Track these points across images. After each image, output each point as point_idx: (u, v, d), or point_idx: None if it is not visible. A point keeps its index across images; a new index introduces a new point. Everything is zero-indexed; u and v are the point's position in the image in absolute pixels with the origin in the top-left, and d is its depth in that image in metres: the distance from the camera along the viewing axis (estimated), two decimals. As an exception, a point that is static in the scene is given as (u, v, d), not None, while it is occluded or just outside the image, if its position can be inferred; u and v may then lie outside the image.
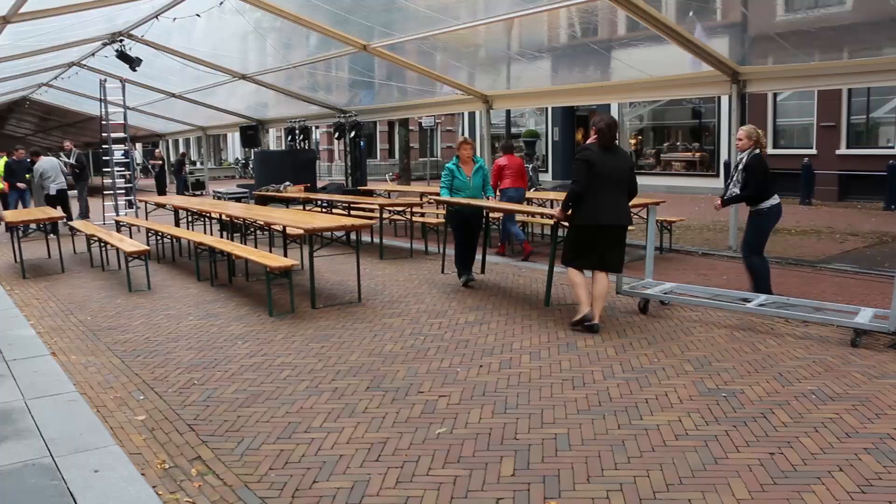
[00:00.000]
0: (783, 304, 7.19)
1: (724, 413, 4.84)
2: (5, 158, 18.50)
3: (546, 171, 27.57)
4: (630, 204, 7.09)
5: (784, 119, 21.12)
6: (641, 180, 22.13)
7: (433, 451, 4.41)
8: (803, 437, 4.43)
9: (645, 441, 4.44)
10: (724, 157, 21.57)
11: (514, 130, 28.46)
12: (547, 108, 27.18)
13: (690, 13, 10.06)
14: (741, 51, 10.82)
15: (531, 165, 24.29)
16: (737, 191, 7.72)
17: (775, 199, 7.64)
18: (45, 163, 16.05)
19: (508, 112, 20.62)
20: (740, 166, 7.69)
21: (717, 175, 21.95)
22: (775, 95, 20.61)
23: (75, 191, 18.33)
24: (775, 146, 20.80)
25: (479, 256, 9.83)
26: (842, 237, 12.92)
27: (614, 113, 25.56)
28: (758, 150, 7.60)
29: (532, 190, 18.77)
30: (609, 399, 5.17)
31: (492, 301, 8.42)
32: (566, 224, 7.30)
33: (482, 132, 17.29)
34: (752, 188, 7.54)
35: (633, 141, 26.15)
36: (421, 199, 15.10)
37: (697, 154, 23.59)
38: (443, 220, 11.24)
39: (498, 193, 10.95)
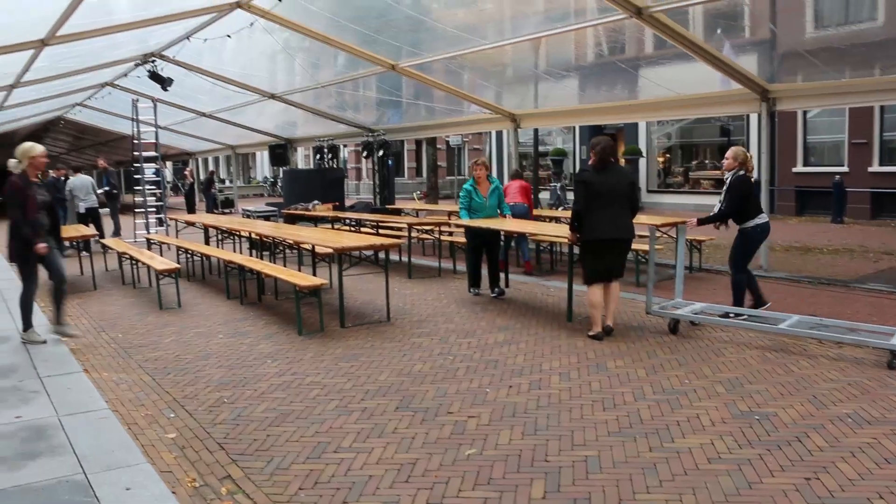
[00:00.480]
0: (816, 324, 7.11)
1: (757, 436, 4.78)
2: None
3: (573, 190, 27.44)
4: (660, 224, 7.93)
5: (814, 136, 20.93)
6: (670, 198, 22.05)
7: (463, 472, 4.39)
8: (840, 463, 4.35)
9: (677, 464, 4.40)
10: (753, 175, 21.39)
11: (541, 149, 28.40)
12: (574, 127, 27.15)
13: (718, 31, 10.03)
14: (770, 68, 10.75)
15: (559, 184, 24.28)
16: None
17: (762, 219, 7.91)
18: (77, 181, 16.32)
19: (536, 131, 20.62)
20: (725, 186, 7.94)
21: (747, 193, 21.79)
22: (805, 113, 20.44)
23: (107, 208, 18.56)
24: (805, 164, 20.63)
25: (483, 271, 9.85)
26: (875, 256, 12.75)
27: (642, 131, 25.55)
28: (742, 172, 7.86)
29: (560, 209, 18.76)
30: (640, 421, 5.13)
31: (520, 321, 8.39)
32: (576, 243, 7.69)
33: (510, 151, 17.32)
34: (728, 207, 7.83)
35: (660, 159, 26.04)
36: (449, 218, 15.12)
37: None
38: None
39: None
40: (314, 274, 9.68)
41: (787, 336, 7.10)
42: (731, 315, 7.75)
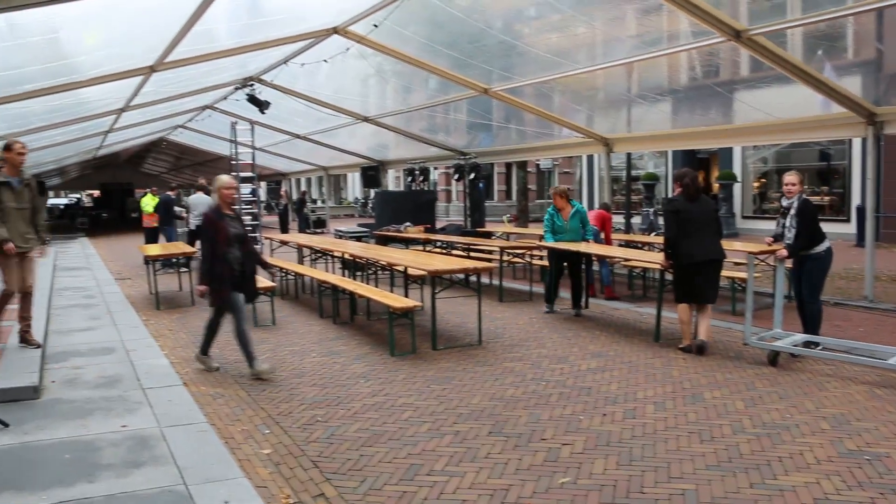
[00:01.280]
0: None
1: (868, 478, 4.57)
2: (150, 195, 19.71)
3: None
4: (758, 251, 8.22)
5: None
6: (767, 225, 21.40)
7: (556, 501, 4.35)
8: (958, 508, 4.14)
9: (780, 503, 4.25)
10: (855, 200, 20.62)
11: (633, 173, 28.05)
12: (667, 151, 26.74)
13: (819, 52, 9.74)
14: (876, 90, 10.37)
15: (651, 209, 23.92)
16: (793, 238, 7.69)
17: (828, 241, 7.73)
18: (195, 198, 16.88)
19: (629, 155, 20.39)
20: (792, 212, 7.65)
21: (849, 220, 21.03)
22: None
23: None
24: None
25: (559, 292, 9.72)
26: None
27: (736, 155, 24.97)
28: (803, 196, 7.76)
29: (653, 234, 18.48)
30: (739, 455, 4.98)
31: (613, 348, 8.29)
32: (670, 269, 8.20)
33: (601, 175, 17.16)
34: (807, 232, 7.57)
35: (756, 184, 25.37)
36: (540, 242, 15.08)
37: (827, 198, 22.65)
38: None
39: None
40: (406, 295, 9.77)
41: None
42: (814, 345, 7.56)
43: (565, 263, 10.65)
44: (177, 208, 18.73)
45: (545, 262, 12.67)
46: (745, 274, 8.84)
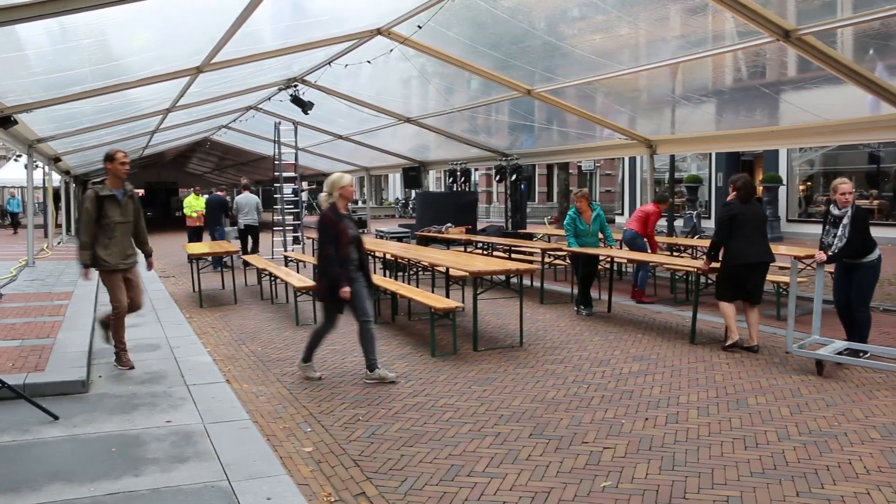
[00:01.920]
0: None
1: (919, 489, 4.47)
2: (193, 195, 19.98)
3: (709, 218, 26.54)
4: (802, 255, 8.77)
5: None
6: (812, 228, 21.02)
7: (599, 505, 4.32)
8: None
9: (828, 511, 4.17)
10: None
11: (676, 175, 27.74)
12: (710, 153, 26.38)
13: (871, 51, 9.53)
14: (931, 91, 10.10)
15: (695, 212, 23.63)
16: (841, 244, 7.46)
17: (879, 249, 7.58)
18: (242, 198, 17.06)
19: (672, 157, 20.15)
20: (845, 220, 7.40)
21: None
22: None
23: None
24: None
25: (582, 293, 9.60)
26: None
27: (782, 158, 24.55)
28: (855, 203, 7.57)
29: (696, 237, 18.25)
30: (785, 463, 4.90)
31: (655, 351, 8.21)
32: (711, 272, 8.54)
33: (643, 177, 16.99)
34: (857, 240, 7.36)
35: (802, 187, 24.93)
36: (565, 247, 15.00)
37: (876, 201, 22.18)
38: (605, 267, 11.78)
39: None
40: (447, 296, 9.78)
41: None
42: (863, 354, 7.37)
43: (590, 268, 10.89)
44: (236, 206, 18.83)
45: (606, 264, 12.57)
46: (788, 278, 8.70)
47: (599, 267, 11.67)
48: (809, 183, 24.94)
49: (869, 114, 10.55)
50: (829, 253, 7.50)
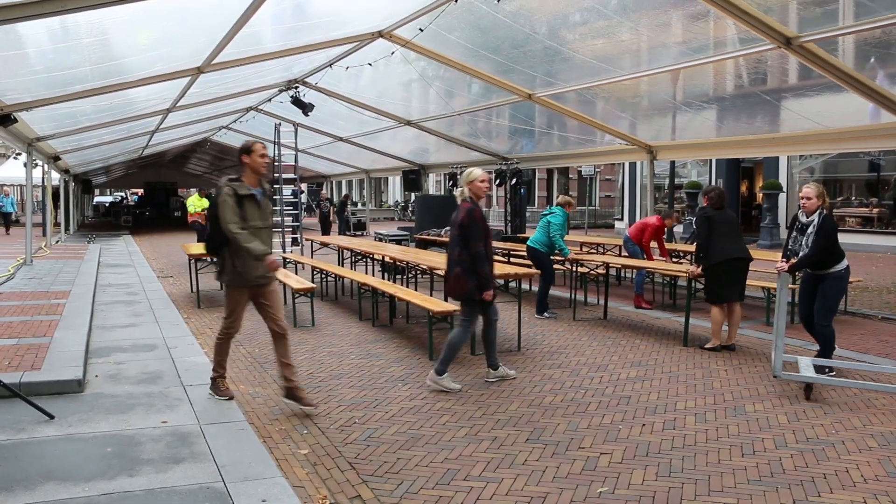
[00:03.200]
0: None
1: (917, 497, 4.45)
2: (197, 196, 19.98)
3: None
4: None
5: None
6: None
7: (595, 511, 4.31)
8: None
9: (825, 520, 4.16)
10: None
11: (676, 181, 27.77)
12: (710, 159, 26.39)
13: (872, 59, 9.53)
14: (932, 100, 10.09)
15: (695, 218, 23.62)
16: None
17: (846, 260, 7.18)
18: None
19: (672, 163, 20.16)
20: (811, 228, 7.06)
21: (900, 233, 20.60)
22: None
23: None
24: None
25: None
26: None
27: (782, 165, 24.58)
28: (824, 210, 7.12)
29: (695, 244, 18.22)
30: (782, 470, 4.89)
31: (653, 357, 8.20)
32: (701, 276, 8.70)
33: (644, 182, 16.97)
34: (821, 250, 6.97)
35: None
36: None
37: (875, 209, 22.19)
38: (602, 272, 11.69)
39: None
40: (445, 299, 9.75)
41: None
42: (827, 370, 7.14)
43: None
44: None
45: (584, 270, 12.60)
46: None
47: (596, 272, 11.69)
48: (809, 190, 24.90)
49: (869, 122, 10.55)
50: (794, 261, 7.22)
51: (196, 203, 19.57)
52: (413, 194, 27.77)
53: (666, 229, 12.35)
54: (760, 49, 9.02)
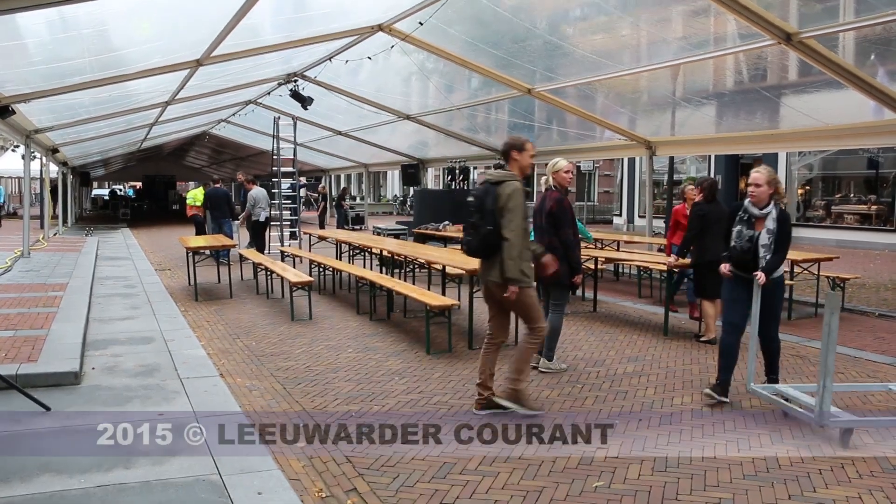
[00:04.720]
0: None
1: (912, 493, 4.45)
2: (202, 189, 19.92)
3: (706, 219, 26.50)
4: (800, 259, 9.00)
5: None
6: (809, 233, 20.93)
7: (591, 504, 4.31)
8: None
9: (820, 515, 4.16)
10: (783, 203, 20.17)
11: (675, 177, 27.71)
12: (710, 155, 26.38)
13: (872, 56, 9.51)
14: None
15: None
16: (769, 256, 6.01)
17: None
18: (258, 192, 16.82)
19: (671, 159, 20.11)
20: (769, 222, 6.00)
21: (896, 230, 20.60)
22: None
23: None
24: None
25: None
26: None
27: (781, 162, 24.55)
28: (781, 204, 6.12)
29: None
30: (778, 466, 4.89)
31: (650, 352, 8.20)
32: (681, 267, 9.00)
33: (643, 178, 16.96)
34: (785, 249, 6.06)
35: (800, 191, 24.92)
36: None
37: (874, 207, 22.18)
38: (600, 266, 11.69)
39: None
40: (443, 294, 9.75)
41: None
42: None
43: None
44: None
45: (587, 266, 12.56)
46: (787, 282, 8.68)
47: (592, 267, 11.63)
48: (808, 187, 24.93)
49: (870, 119, 10.53)
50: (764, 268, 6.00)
51: (198, 197, 19.46)
52: (412, 189, 27.74)
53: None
54: (760, 45, 9.02)
